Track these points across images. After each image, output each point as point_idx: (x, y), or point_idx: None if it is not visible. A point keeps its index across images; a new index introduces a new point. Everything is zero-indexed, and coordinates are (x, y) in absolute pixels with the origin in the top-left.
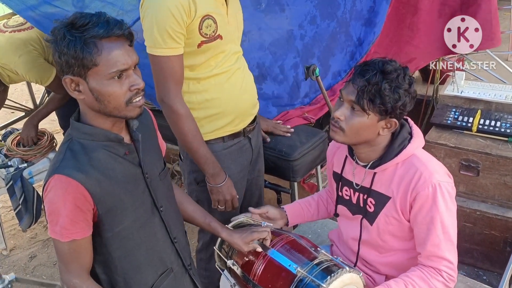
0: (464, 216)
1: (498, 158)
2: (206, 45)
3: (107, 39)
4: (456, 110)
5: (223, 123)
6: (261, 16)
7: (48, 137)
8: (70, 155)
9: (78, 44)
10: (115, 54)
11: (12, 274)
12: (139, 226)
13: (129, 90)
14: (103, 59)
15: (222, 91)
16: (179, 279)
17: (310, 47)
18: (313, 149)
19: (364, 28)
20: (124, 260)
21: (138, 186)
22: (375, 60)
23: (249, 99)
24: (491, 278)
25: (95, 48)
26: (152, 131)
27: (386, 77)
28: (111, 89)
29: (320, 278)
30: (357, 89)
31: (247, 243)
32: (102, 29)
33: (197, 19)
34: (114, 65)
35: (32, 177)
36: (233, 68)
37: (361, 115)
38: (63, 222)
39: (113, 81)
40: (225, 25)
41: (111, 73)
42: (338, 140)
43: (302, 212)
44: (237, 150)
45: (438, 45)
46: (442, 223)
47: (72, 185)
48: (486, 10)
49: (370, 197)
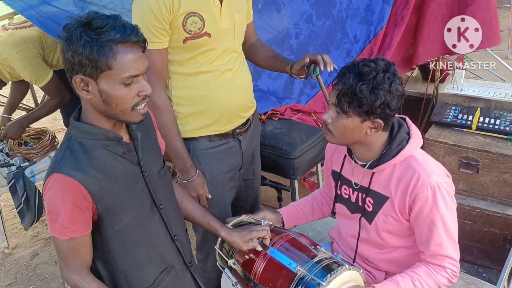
0: (464, 213)
1: (498, 156)
2: (191, 41)
3: (123, 44)
4: (456, 108)
5: (208, 122)
6: (258, 16)
7: (50, 136)
8: (69, 154)
9: (95, 47)
10: (130, 60)
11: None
12: (139, 224)
13: (137, 95)
14: (117, 64)
15: (208, 89)
16: (180, 276)
17: (305, 45)
18: (313, 147)
19: (360, 26)
20: (124, 257)
21: (137, 185)
22: (357, 61)
23: (240, 101)
24: (491, 275)
25: (111, 52)
26: (151, 130)
27: (363, 79)
28: (121, 93)
29: (320, 276)
30: (338, 92)
31: (246, 242)
32: (119, 33)
33: (180, 16)
34: (127, 70)
35: (33, 176)
36: (223, 67)
37: (343, 118)
38: (62, 220)
39: (124, 85)
40: (215, 23)
41: (124, 78)
42: (330, 141)
43: (297, 215)
44: (225, 151)
45: (437, 45)
46: (444, 223)
47: (71, 184)
48: (485, 8)
49: (368, 196)
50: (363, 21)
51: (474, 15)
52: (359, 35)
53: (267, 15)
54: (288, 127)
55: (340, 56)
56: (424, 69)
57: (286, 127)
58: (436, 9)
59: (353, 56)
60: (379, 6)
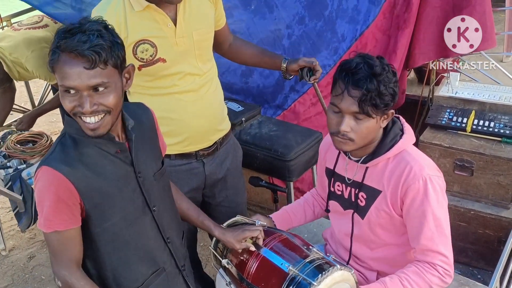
0: (458, 215)
1: (492, 158)
2: (145, 68)
3: (67, 53)
4: (451, 111)
5: (169, 142)
6: (251, 17)
7: (47, 138)
8: (59, 149)
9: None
10: (65, 71)
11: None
12: (129, 223)
13: (75, 107)
14: (57, 70)
15: (170, 111)
16: (172, 279)
17: (297, 45)
18: (309, 149)
19: (347, 25)
20: (113, 256)
21: (129, 185)
22: (358, 64)
23: (205, 124)
24: (486, 277)
25: (56, 57)
26: (152, 131)
27: (379, 79)
28: (62, 98)
29: (312, 276)
30: (357, 100)
31: (239, 241)
32: (65, 41)
33: (129, 46)
34: (62, 79)
35: (30, 178)
36: (185, 89)
37: (367, 120)
38: (46, 212)
39: (65, 92)
40: (169, 48)
41: (61, 85)
42: (347, 149)
43: (289, 218)
44: (186, 172)
45: (432, 48)
46: (434, 216)
47: (56, 177)
48: (480, 11)
49: (361, 191)
50: (350, 20)
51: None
52: (346, 33)
53: (260, 15)
54: (284, 129)
55: (329, 54)
56: (420, 72)
57: (281, 129)
58: (431, 12)
59: (340, 54)
60: (365, 6)
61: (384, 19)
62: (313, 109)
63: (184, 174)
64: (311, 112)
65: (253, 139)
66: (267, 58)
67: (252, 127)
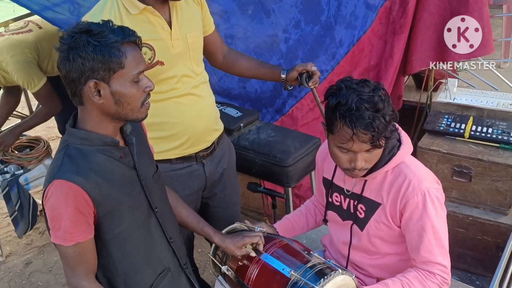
0: (456, 221)
1: (490, 164)
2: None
3: (126, 44)
4: (449, 117)
5: (170, 146)
6: (248, 21)
7: (44, 144)
8: (68, 161)
9: (105, 49)
10: (136, 56)
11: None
12: (137, 227)
13: (143, 92)
14: (128, 61)
15: (171, 116)
16: (176, 278)
17: (294, 49)
18: (307, 155)
19: (345, 31)
20: (124, 261)
21: (135, 188)
22: (357, 104)
23: (203, 125)
24: (484, 283)
25: (120, 52)
26: (143, 136)
27: (382, 113)
28: (134, 90)
29: (314, 280)
30: (370, 141)
31: (239, 248)
32: (120, 35)
33: None
34: (136, 66)
35: (28, 183)
36: (184, 93)
37: (378, 150)
38: (66, 226)
39: (134, 83)
40: (166, 50)
41: (134, 75)
42: (360, 175)
43: (292, 227)
44: (187, 174)
45: (430, 54)
46: (434, 229)
47: (73, 189)
48: (478, 17)
49: (360, 203)
50: (348, 26)
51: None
52: (344, 39)
53: (257, 20)
54: (282, 134)
55: (327, 59)
56: (418, 78)
57: (280, 134)
58: (429, 19)
59: (338, 59)
60: (363, 11)
61: (380, 24)
62: (311, 115)
63: (186, 177)
64: (309, 118)
65: (251, 144)
66: (265, 69)
67: (250, 132)
